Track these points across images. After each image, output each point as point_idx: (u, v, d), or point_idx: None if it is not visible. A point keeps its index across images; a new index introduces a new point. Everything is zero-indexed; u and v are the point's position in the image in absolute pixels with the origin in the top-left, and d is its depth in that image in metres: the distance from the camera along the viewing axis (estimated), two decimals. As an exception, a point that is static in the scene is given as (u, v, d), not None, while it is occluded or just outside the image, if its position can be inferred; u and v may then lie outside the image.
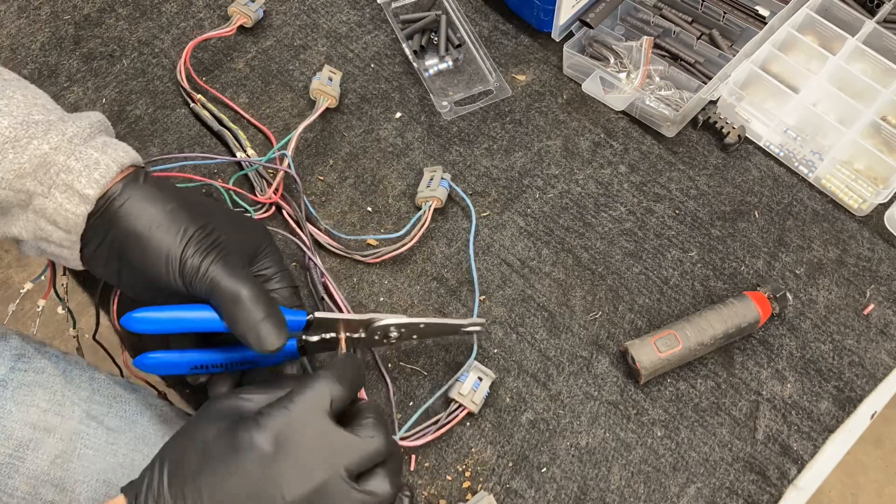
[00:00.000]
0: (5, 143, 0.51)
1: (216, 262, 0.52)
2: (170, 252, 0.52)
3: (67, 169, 0.52)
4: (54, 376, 0.58)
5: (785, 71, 0.78)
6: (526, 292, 0.69)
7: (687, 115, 0.76)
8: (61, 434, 0.56)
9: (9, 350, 0.57)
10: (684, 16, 0.82)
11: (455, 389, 0.62)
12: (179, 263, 0.52)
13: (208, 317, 0.52)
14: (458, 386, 0.62)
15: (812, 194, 0.75)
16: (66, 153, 0.53)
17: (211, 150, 0.74)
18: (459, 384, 0.62)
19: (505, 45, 0.82)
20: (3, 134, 0.51)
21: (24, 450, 0.54)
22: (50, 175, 0.52)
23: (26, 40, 0.79)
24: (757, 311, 0.65)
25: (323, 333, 0.57)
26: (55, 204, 0.52)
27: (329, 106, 0.75)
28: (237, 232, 0.56)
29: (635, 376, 0.65)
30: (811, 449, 0.63)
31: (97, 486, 0.56)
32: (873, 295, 0.70)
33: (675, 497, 0.61)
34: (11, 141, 0.51)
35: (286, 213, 0.70)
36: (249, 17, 0.80)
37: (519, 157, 0.76)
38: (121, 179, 0.54)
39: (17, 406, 0.55)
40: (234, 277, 0.52)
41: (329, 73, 0.77)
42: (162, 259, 0.52)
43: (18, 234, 0.55)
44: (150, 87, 0.77)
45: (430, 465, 0.62)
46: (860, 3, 0.82)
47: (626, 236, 0.72)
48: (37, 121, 0.53)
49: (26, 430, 0.54)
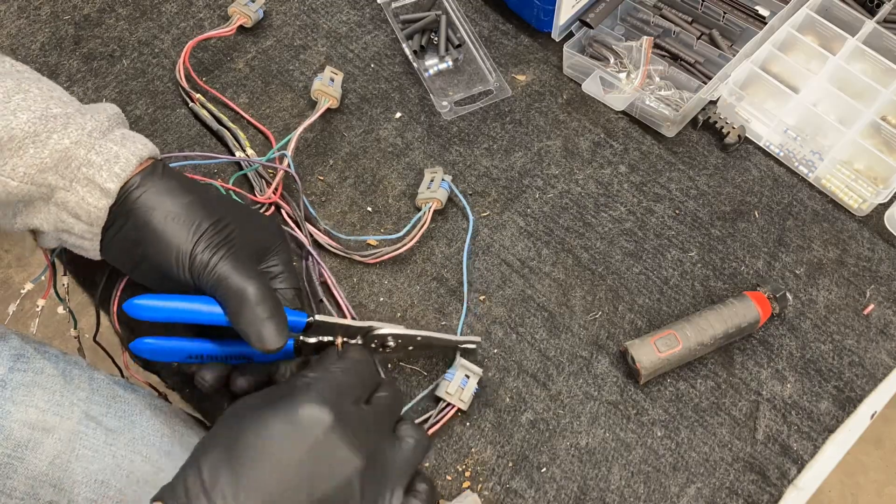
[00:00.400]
0: (25, 137, 0.52)
1: (225, 258, 0.53)
2: (181, 246, 0.53)
3: (88, 163, 0.53)
4: (53, 377, 0.58)
5: (785, 71, 0.78)
6: (526, 292, 0.69)
7: (687, 115, 0.76)
8: (60, 434, 0.56)
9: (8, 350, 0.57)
10: (684, 16, 0.82)
11: (442, 388, 0.62)
12: (189, 258, 0.53)
13: (210, 310, 0.53)
14: (445, 384, 0.62)
15: (812, 194, 0.75)
16: (87, 147, 0.54)
17: (211, 150, 0.74)
18: (446, 382, 0.62)
19: (505, 45, 0.82)
20: (22, 129, 0.52)
21: (22, 450, 0.54)
22: (71, 169, 0.53)
23: (26, 40, 0.79)
24: (757, 311, 0.65)
25: (321, 336, 0.57)
26: (77, 197, 0.54)
27: (330, 107, 0.75)
28: (250, 229, 0.57)
29: (635, 376, 0.65)
30: (811, 449, 0.63)
31: (95, 487, 0.56)
32: (873, 295, 0.70)
33: (675, 497, 0.61)
34: (31, 136, 0.52)
35: (285, 213, 0.70)
36: (249, 17, 0.80)
37: (519, 157, 0.76)
38: (139, 171, 0.55)
39: (16, 406, 0.55)
40: (241, 275, 0.53)
41: (331, 73, 0.77)
42: (173, 252, 0.53)
43: (40, 226, 0.56)
44: (150, 88, 0.77)
45: (429, 465, 0.62)
46: (860, 3, 0.82)
47: (626, 236, 0.72)
48: (55, 114, 0.54)
49: (25, 431, 0.54)
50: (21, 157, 0.52)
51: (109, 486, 0.56)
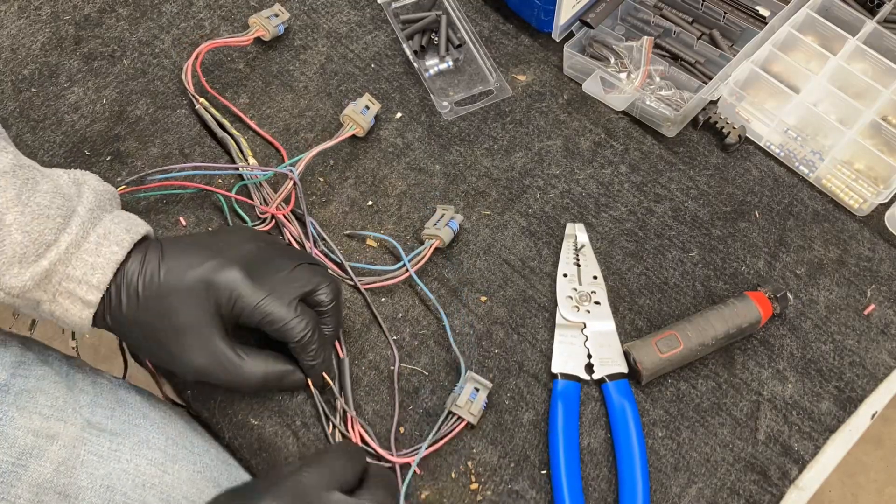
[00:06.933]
0: (14, 256, 0.52)
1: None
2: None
3: (68, 277, 0.54)
4: (56, 382, 0.57)
5: (785, 71, 0.78)
6: (527, 293, 0.69)
7: (687, 115, 0.76)
8: (64, 441, 0.55)
9: (9, 356, 0.57)
10: (685, 16, 0.82)
11: (451, 401, 0.62)
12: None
13: None
14: (454, 397, 0.62)
15: (812, 194, 0.75)
16: (64, 263, 0.54)
17: (211, 151, 0.74)
18: (455, 395, 0.62)
19: (505, 46, 0.82)
20: (14, 250, 0.52)
21: (26, 457, 0.54)
22: (52, 284, 0.54)
23: (26, 40, 0.79)
24: (758, 312, 0.65)
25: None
26: (62, 309, 0.55)
27: (356, 134, 0.74)
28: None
29: (636, 377, 0.65)
30: (812, 449, 0.63)
31: (102, 493, 0.55)
32: (874, 295, 0.70)
33: (677, 497, 0.61)
34: (20, 257, 0.52)
35: (288, 234, 0.69)
36: (268, 31, 0.78)
37: (519, 158, 0.76)
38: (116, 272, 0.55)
39: (20, 412, 0.55)
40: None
41: (367, 101, 0.75)
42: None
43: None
44: (151, 88, 0.77)
45: (431, 465, 0.62)
46: (860, 3, 0.82)
47: (627, 236, 0.72)
48: (47, 242, 0.53)
49: (28, 438, 0.54)
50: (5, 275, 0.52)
51: (115, 491, 0.56)
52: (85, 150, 0.74)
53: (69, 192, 0.56)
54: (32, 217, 0.53)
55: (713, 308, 0.66)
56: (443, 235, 0.69)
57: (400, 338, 0.66)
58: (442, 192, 0.73)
